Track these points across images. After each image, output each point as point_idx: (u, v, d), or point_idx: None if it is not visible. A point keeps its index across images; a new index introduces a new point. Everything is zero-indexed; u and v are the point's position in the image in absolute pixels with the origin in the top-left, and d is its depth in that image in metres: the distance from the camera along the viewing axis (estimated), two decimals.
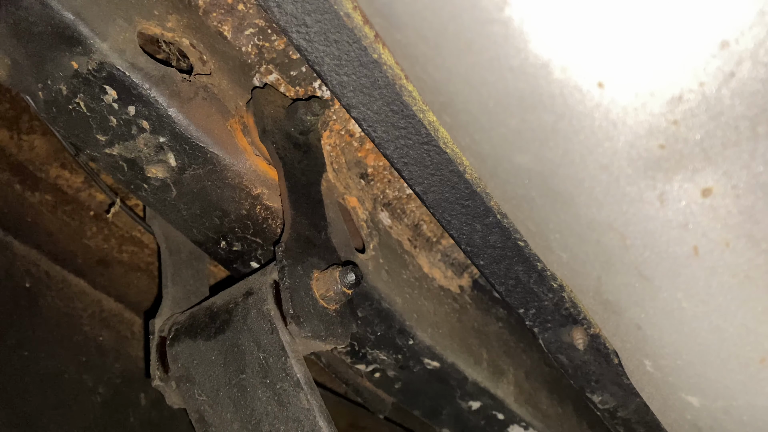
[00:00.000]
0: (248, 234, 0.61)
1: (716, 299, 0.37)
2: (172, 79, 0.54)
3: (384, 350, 0.71)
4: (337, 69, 0.45)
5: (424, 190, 0.51)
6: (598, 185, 0.35)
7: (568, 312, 0.55)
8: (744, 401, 0.40)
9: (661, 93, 0.31)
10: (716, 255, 0.35)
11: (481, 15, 0.31)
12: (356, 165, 0.72)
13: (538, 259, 0.52)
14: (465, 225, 0.53)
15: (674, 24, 0.30)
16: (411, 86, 0.44)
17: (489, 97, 0.34)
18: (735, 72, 0.30)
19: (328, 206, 0.61)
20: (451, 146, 0.47)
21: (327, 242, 0.58)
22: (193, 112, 0.54)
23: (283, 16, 0.43)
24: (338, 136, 0.69)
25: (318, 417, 0.49)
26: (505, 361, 0.83)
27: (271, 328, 0.51)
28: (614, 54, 0.31)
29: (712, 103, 0.31)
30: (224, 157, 0.56)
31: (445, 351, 0.73)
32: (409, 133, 0.47)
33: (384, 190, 0.75)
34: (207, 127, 0.55)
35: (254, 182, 0.58)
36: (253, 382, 0.51)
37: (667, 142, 0.32)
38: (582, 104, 0.32)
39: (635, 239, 0.36)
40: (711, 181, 0.34)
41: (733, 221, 0.34)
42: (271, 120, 0.59)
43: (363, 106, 0.46)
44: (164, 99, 0.53)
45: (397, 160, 0.49)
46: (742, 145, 0.32)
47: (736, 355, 0.38)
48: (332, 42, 0.43)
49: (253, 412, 0.51)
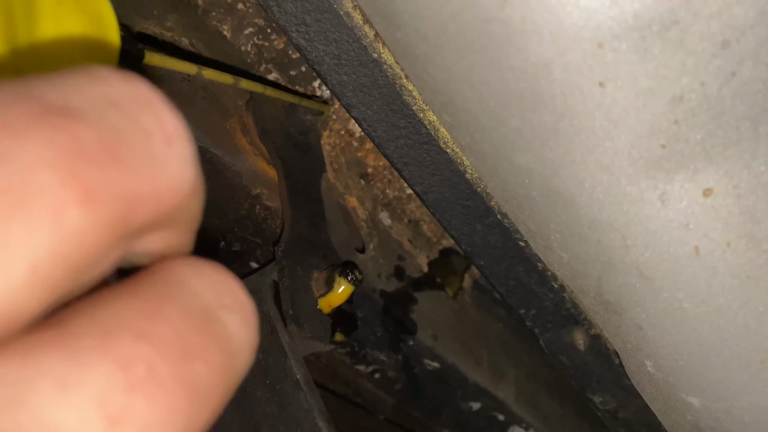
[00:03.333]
0: (247, 234, 0.61)
1: (717, 300, 0.36)
2: (171, 78, 0.53)
3: (384, 351, 0.71)
4: (336, 68, 0.45)
5: (424, 190, 0.51)
6: (599, 185, 0.34)
7: (569, 313, 0.55)
8: (745, 402, 0.40)
9: (662, 93, 0.31)
10: (717, 255, 0.35)
11: (482, 14, 0.31)
12: (356, 165, 0.72)
13: (538, 259, 0.52)
14: (465, 225, 0.53)
15: (675, 24, 0.30)
16: (411, 85, 0.44)
17: (489, 97, 0.34)
18: (736, 72, 0.30)
19: (328, 206, 0.61)
20: (452, 146, 0.47)
21: (327, 242, 0.57)
22: (192, 111, 0.54)
23: (283, 15, 0.43)
24: (338, 135, 0.69)
25: (318, 418, 0.49)
26: (506, 361, 0.82)
27: (270, 328, 0.51)
28: (615, 54, 0.31)
29: (713, 103, 0.31)
30: (223, 157, 0.56)
31: (446, 352, 0.73)
32: (410, 133, 0.47)
33: (384, 190, 0.75)
34: (206, 127, 0.55)
35: (254, 182, 0.58)
36: (253, 382, 0.51)
37: (668, 142, 0.32)
38: (583, 104, 0.32)
39: (636, 239, 0.36)
40: (712, 181, 0.33)
41: (734, 221, 0.34)
42: (270, 120, 0.58)
43: (363, 106, 0.46)
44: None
45: (397, 160, 0.49)
46: (744, 145, 0.32)
47: (737, 355, 0.38)
48: (332, 41, 0.43)
49: (253, 412, 0.51)
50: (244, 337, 0.17)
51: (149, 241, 0.17)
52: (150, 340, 0.14)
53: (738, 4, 0.29)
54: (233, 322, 0.16)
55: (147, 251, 0.17)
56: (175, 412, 0.14)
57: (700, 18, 0.29)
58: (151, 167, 0.15)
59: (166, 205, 0.15)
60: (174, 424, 0.14)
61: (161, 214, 0.15)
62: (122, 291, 0.15)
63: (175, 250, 0.18)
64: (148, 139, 0.15)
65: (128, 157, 0.14)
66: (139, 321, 0.15)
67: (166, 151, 0.15)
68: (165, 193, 0.15)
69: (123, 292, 0.15)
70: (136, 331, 0.14)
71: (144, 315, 0.15)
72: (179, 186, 0.16)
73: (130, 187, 0.14)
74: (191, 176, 0.16)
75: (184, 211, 0.16)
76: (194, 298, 0.16)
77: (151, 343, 0.14)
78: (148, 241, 0.16)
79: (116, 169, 0.14)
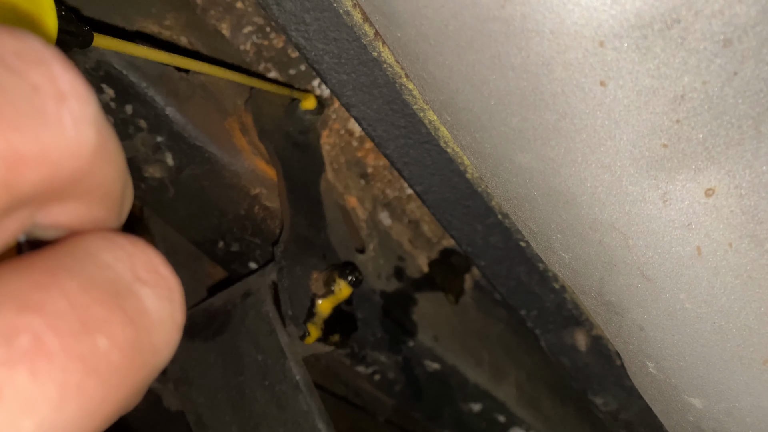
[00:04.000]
0: (246, 234, 0.61)
1: (719, 300, 0.36)
2: (169, 77, 0.53)
3: (384, 352, 0.71)
4: (336, 67, 0.44)
5: (424, 190, 0.51)
6: (601, 185, 0.34)
7: (570, 313, 0.55)
8: (747, 403, 0.39)
9: (663, 92, 0.31)
10: (719, 255, 0.35)
11: (482, 12, 0.31)
12: (356, 165, 0.72)
13: (539, 259, 0.52)
14: (466, 225, 0.52)
15: (676, 22, 0.29)
16: (411, 85, 0.44)
17: (490, 96, 0.34)
18: (738, 71, 0.30)
19: (328, 206, 0.61)
20: (452, 145, 0.47)
21: (326, 243, 0.57)
22: (190, 111, 0.54)
23: (282, 14, 0.43)
24: (338, 135, 0.69)
25: (317, 419, 0.48)
26: (507, 362, 0.82)
27: (269, 329, 0.51)
28: (616, 52, 0.30)
29: (715, 102, 0.31)
30: (222, 157, 0.56)
31: (446, 353, 0.73)
32: (410, 132, 0.47)
33: (384, 190, 0.75)
34: (205, 127, 0.55)
35: (252, 182, 0.58)
36: (252, 384, 0.51)
37: (669, 141, 0.32)
38: (584, 103, 0.32)
39: (638, 240, 0.36)
40: (714, 180, 0.33)
41: (736, 221, 0.34)
42: (269, 119, 0.58)
43: (363, 105, 0.46)
44: (162, 98, 0.53)
45: (397, 160, 0.49)
46: (746, 145, 0.32)
47: (739, 356, 0.38)
48: (331, 40, 0.43)
49: (252, 414, 0.51)
50: (162, 313, 0.16)
51: (55, 213, 0.15)
52: (39, 311, 0.13)
53: (740, 3, 0.28)
54: (150, 297, 0.16)
55: (55, 223, 0.16)
56: (67, 388, 0.13)
57: (702, 17, 0.29)
58: (36, 125, 0.13)
59: (61, 169, 0.14)
60: (68, 401, 0.13)
61: (58, 180, 0.14)
62: (19, 262, 0.14)
63: (91, 224, 0.16)
64: (36, 95, 0.14)
65: (8, 113, 0.13)
66: (29, 292, 0.14)
67: (58, 109, 0.14)
68: (57, 155, 0.14)
69: (19, 264, 0.14)
70: (23, 302, 0.13)
71: (36, 286, 0.14)
72: (75, 148, 0.14)
73: (10, 145, 0.13)
74: (90, 137, 0.15)
75: (90, 178, 0.15)
76: (103, 270, 0.15)
77: (40, 315, 0.13)
78: (53, 212, 0.15)
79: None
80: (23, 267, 0.14)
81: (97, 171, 0.15)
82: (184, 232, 0.61)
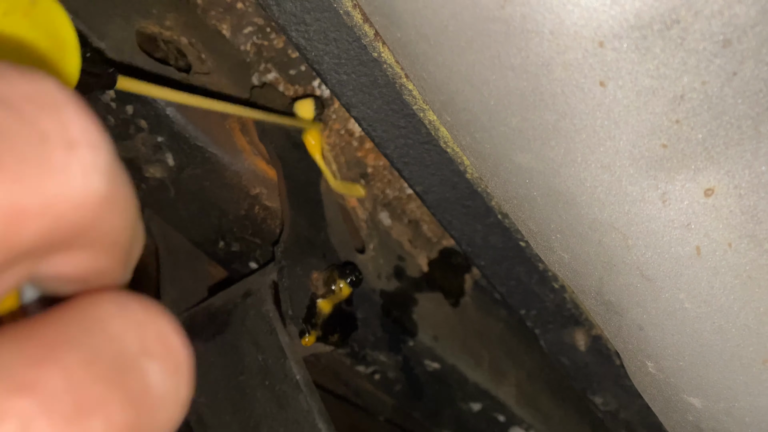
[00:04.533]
0: (247, 234, 0.61)
1: (719, 300, 0.36)
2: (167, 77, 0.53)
3: (384, 352, 0.71)
4: (336, 68, 0.44)
5: (424, 190, 0.51)
6: (600, 185, 0.34)
7: (570, 313, 0.55)
8: (746, 402, 0.39)
9: (663, 92, 0.31)
10: (719, 255, 0.35)
11: (482, 13, 0.31)
12: (356, 165, 0.72)
13: (539, 259, 0.52)
14: (466, 225, 0.52)
15: (676, 23, 0.29)
16: (411, 85, 0.44)
17: (490, 96, 0.34)
18: (737, 71, 0.30)
19: (328, 206, 0.61)
20: (452, 145, 0.47)
21: (326, 242, 0.57)
22: (191, 111, 0.54)
23: (282, 15, 0.43)
24: (338, 135, 0.69)
25: (317, 419, 0.48)
26: (507, 362, 0.82)
27: (270, 329, 0.51)
28: (615, 53, 0.30)
29: (715, 102, 0.31)
30: (223, 157, 0.56)
31: (446, 352, 0.73)
32: (410, 133, 0.47)
33: (384, 190, 0.75)
34: (205, 127, 0.55)
35: (253, 182, 0.58)
36: (252, 383, 0.51)
37: (669, 141, 0.32)
38: (583, 103, 0.32)
39: (637, 240, 0.36)
40: (713, 180, 0.33)
41: (735, 221, 0.34)
42: None
43: (363, 105, 0.46)
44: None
45: (397, 160, 0.49)
46: (745, 145, 0.32)
47: (738, 356, 0.38)
48: (331, 40, 0.43)
49: (252, 413, 0.51)
50: (168, 389, 0.15)
51: (58, 263, 0.15)
52: (32, 392, 0.12)
53: (739, 3, 0.28)
54: (156, 372, 0.14)
55: (58, 275, 0.15)
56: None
57: (701, 17, 0.29)
58: (41, 175, 0.13)
59: (65, 220, 0.13)
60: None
61: (61, 231, 0.13)
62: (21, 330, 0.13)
63: (96, 274, 0.16)
64: (43, 143, 0.13)
65: (10, 163, 0.12)
66: (25, 368, 0.13)
67: (65, 158, 0.13)
68: (61, 206, 0.13)
69: (20, 332, 0.13)
70: (16, 381, 0.12)
71: (33, 361, 0.13)
72: (82, 198, 0.13)
73: (9, 198, 0.12)
74: (99, 187, 0.14)
75: (96, 228, 0.14)
76: (109, 342, 0.14)
77: (32, 397, 0.12)
78: (56, 262, 0.14)
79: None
80: (23, 336, 0.13)
81: (105, 221, 0.14)
82: (184, 232, 0.61)
